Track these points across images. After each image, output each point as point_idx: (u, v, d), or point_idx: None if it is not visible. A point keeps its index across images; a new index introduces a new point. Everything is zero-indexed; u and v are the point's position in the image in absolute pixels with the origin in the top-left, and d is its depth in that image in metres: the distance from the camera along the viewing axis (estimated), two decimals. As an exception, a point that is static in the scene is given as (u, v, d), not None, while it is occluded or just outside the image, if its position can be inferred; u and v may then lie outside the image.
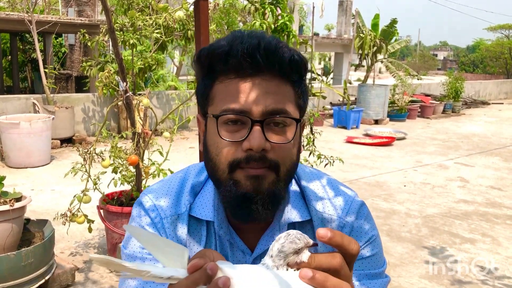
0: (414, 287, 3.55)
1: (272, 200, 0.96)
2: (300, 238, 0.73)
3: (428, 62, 42.96)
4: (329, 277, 0.69)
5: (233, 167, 0.94)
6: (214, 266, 0.67)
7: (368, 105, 11.79)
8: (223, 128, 0.95)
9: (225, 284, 0.65)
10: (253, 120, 0.93)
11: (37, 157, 6.56)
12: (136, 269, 0.67)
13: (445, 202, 5.69)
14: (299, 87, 1.00)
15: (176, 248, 0.71)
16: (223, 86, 0.97)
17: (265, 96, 0.94)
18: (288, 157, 0.97)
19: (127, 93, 3.22)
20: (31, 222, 3.42)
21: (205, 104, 1.01)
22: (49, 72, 7.59)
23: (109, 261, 0.67)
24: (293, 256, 0.72)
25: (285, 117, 0.96)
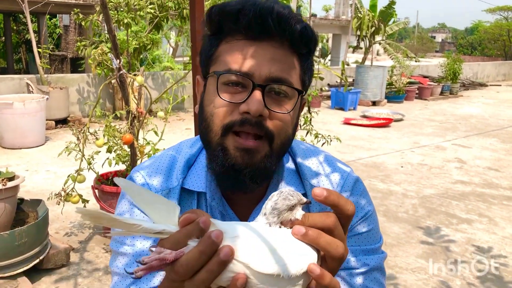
0: (410, 267, 3.54)
1: (262, 173, 0.93)
2: (293, 194, 0.71)
3: (426, 44, 42.76)
4: (322, 234, 0.67)
5: (226, 130, 0.91)
6: (207, 220, 0.65)
7: (366, 86, 11.73)
8: (223, 88, 0.92)
9: (218, 237, 0.63)
10: (255, 83, 0.90)
11: (31, 137, 6.50)
12: (126, 222, 0.64)
13: (442, 183, 5.68)
14: (306, 62, 0.97)
15: (167, 204, 0.68)
16: (229, 46, 0.93)
17: (270, 62, 0.91)
18: (284, 130, 0.94)
19: (121, 70, 3.15)
20: (25, 202, 3.38)
21: (208, 63, 0.98)
22: (43, 52, 7.47)
23: (99, 215, 0.64)
24: (286, 213, 0.70)
25: (288, 86, 0.92)
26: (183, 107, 9.71)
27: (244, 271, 0.63)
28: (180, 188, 1.03)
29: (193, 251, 0.63)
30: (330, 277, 0.67)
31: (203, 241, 0.63)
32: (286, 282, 0.64)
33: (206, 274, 0.63)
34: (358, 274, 1.04)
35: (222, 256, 0.62)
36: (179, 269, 0.64)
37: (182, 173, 1.04)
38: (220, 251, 0.62)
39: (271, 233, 0.68)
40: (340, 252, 0.67)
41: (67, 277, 3.19)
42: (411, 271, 3.48)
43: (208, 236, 0.62)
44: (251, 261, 0.63)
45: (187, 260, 0.63)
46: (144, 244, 1.02)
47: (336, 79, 12.68)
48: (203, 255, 0.62)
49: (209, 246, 0.62)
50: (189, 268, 0.63)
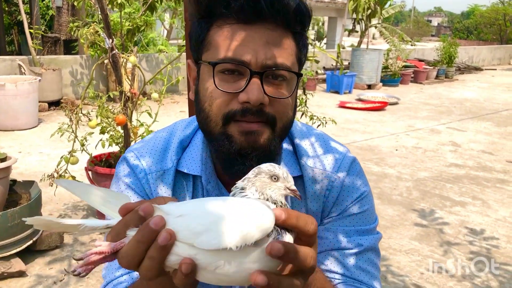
0: (404, 248, 3.56)
1: (268, 156, 0.92)
2: (281, 168, 0.70)
3: (422, 28, 42.57)
4: (298, 251, 0.64)
5: (227, 120, 0.89)
6: (147, 206, 0.62)
7: (361, 69, 11.68)
8: (219, 77, 0.89)
9: (158, 224, 0.60)
10: (252, 71, 0.87)
11: (24, 119, 6.44)
12: (70, 224, 0.63)
13: (436, 166, 5.70)
14: (301, 39, 0.95)
15: (118, 197, 0.67)
16: (221, 31, 0.90)
17: (266, 47, 0.88)
18: (285, 113, 0.93)
19: (114, 50, 3.11)
20: (17, 184, 3.36)
21: (199, 49, 0.94)
22: (35, 33, 7.36)
23: (46, 222, 0.63)
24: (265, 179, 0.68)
25: (286, 70, 0.90)
26: (178, 90, 9.65)
27: (189, 253, 0.59)
28: (174, 170, 1.01)
29: (131, 241, 0.62)
30: (294, 249, 0.63)
31: (141, 229, 0.61)
32: (242, 255, 0.59)
33: (149, 262, 0.62)
34: (351, 254, 1.03)
35: (160, 242, 0.60)
36: (121, 260, 0.63)
37: (176, 154, 1.02)
38: (158, 237, 0.60)
39: (223, 205, 0.63)
40: (311, 264, 0.66)
41: (60, 258, 3.18)
42: (405, 252, 3.50)
43: (146, 224, 0.60)
44: (194, 239, 0.58)
45: (126, 251, 0.62)
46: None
47: (332, 62, 12.61)
48: (141, 244, 0.61)
49: (146, 234, 0.60)
50: (130, 258, 0.62)
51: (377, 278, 1.06)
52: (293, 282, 0.66)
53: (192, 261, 0.59)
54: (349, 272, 1.02)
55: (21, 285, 2.85)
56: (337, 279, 1.02)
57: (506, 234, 3.90)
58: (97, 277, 2.97)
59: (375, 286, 1.04)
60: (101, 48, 7.68)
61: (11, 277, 2.90)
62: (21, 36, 15.51)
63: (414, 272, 3.24)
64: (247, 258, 0.59)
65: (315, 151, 1.07)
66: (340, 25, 17.51)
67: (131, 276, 0.98)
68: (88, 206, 3.99)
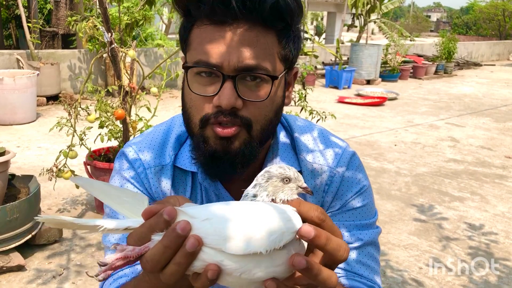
0: (402, 243, 3.57)
1: (242, 160, 0.91)
2: (290, 168, 0.68)
3: (421, 23, 42.51)
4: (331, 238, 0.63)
5: (203, 123, 0.89)
6: (171, 210, 0.61)
7: (361, 65, 11.67)
8: (196, 79, 0.89)
9: (184, 229, 0.59)
10: (224, 75, 0.85)
11: (22, 114, 6.42)
12: (87, 225, 0.62)
13: (435, 161, 5.70)
14: (285, 36, 0.91)
15: (134, 196, 0.66)
16: (199, 32, 0.89)
17: (239, 48, 0.85)
18: (262, 115, 0.91)
19: (112, 44, 3.09)
20: (16, 178, 3.35)
21: (184, 49, 0.95)
22: (33, 27, 7.32)
23: (59, 221, 0.62)
24: (277, 182, 0.67)
25: (259, 73, 0.87)
26: (176, 85, 9.63)
27: (216, 259, 0.58)
28: (172, 166, 1.01)
29: (158, 246, 0.60)
30: (326, 236, 0.63)
31: (167, 235, 0.60)
32: (268, 259, 0.59)
33: (175, 267, 0.61)
34: (352, 248, 1.03)
35: (188, 248, 0.59)
36: (145, 265, 0.62)
37: (174, 150, 1.02)
38: (186, 243, 0.59)
39: (248, 209, 0.63)
40: (344, 257, 0.65)
41: (59, 252, 3.18)
42: (403, 247, 3.51)
43: (173, 229, 0.59)
44: (223, 245, 0.58)
45: (152, 255, 0.61)
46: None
47: (331, 58, 12.60)
48: (167, 249, 0.60)
49: (174, 239, 0.59)
50: (155, 263, 0.61)
51: (377, 272, 1.06)
52: None
53: (218, 268, 0.59)
54: (349, 266, 1.03)
55: (20, 279, 2.85)
56: (338, 274, 1.02)
57: (504, 229, 3.90)
58: (95, 272, 2.97)
59: (375, 280, 1.04)
60: (99, 43, 7.64)
61: (10, 271, 2.90)
62: (19, 30, 15.43)
63: (413, 267, 3.24)
64: (274, 262, 0.59)
65: (315, 146, 1.07)
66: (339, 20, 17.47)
67: (135, 269, 0.98)
68: (87, 201, 3.99)
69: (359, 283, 1.01)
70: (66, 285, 2.83)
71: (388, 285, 3.01)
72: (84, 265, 3.04)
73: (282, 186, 0.67)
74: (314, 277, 0.62)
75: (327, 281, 0.63)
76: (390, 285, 3.01)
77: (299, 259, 0.60)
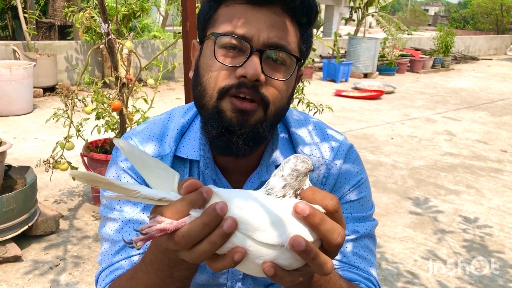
0: (398, 236, 3.59)
1: (255, 137, 0.92)
2: (308, 159, 0.70)
3: (419, 17, 42.44)
4: (324, 220, 0.65)
5: (222, 94, 0.90)
6: (209, 189, 0.63)
7: (358, 58, 11.66)
8: (220, 51, 0.90)
9: (223, 210, 0.61)
10: (253, 48, 0.88)
11: (19, 105, 6.40)
12: (125, 187, 0.61)
13: (431, 155, 5.73)
14: (305, 32, 0.96)
15: (166, 170, 0.66)
16: (229, 10, 0.91)
17: (270, 28, 0.89)
18: (279, 98, 0.93)
19: (109, 35, 3.08)
20: (12, 169, 3.35)
21: (206, 26, 0.96)
22: (29, 17, 7.28)
23: (95, 178, 0.61)
24: (303, 178, 0.68)
25: (286, 52, 0.91)
26: (173, 77, 9.61)
27: (245, 242, 0.62)
28: (172, 156, 1.02)
29: (197, 222, 0.61)
30: (321, 216, 0.65)
31: (208, 213, 0.61)
32: (289, 253, 0.63)
33: (208, 246, 0.62)
34: (348, 240, 1.04)
35: (225, 229, 0.61)
36: (180, 240, 0.62)
37: (175, 140, 1.03)
38: (223, 223, 0.61)
39: (275, 202, 0.66)
40: (338, 242, 0.66)
41: (56, 244, 3.18)
42: (399, 240, 3.53)
43: (213, 208, 0.61)
44: (254, 232, 0.62)
45: (189, 231, 0.62)
46: (133, 210, 1.01)
47: (328, 51, 12.58)
48: (206, 227, 0.61)
49: (213, 218, 0.61)
50: (191, 239, 0.62)
51: (373, 264, 1.07)
52: (298, 279, 0.68)
53: (245, 251, 0.62)
54: (345, 258, 1.04)
55: (16, 270, 2.86)
56: (334, 266, 1.03)
57: (499, 222, 3.93)
58: (92, 263, 2.98)
59: (371, 272, 1.05)
60: (96, 34, 7.61)
61: (7, 262, 2.90)
62: (15, 21, 15.31)
63: (408, 259, 3.27)
64: (293, 255, 0.63)
65: (312, 139, 1.08)
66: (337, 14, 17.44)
67: (131, 260, 0.98)
68: (84, 192, 3.99)
69: (355, 275, 1.02)
70: (63, 276, 2.84)
71: (383, 277, 3.03)
72: (80, 256, 3.05)
73: (305, 180, 0.69)
74: (312, 260, 0.64)
75: (323, 266, 0.65)
76: (385, 277, 3.03)
77: (299, 240, 0.62)
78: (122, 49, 3.54)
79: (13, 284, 2.73)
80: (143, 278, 0.82)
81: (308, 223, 0.64)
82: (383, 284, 2.95)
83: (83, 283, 2.78)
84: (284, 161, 0.70)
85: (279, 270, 0.64)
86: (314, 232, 0.65)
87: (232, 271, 1.08)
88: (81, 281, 2.80)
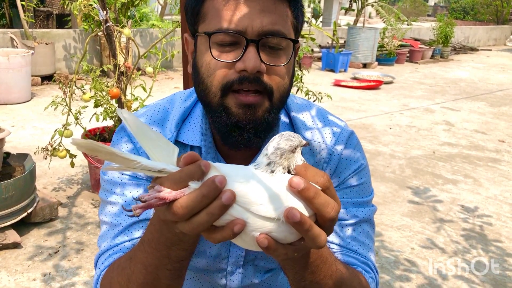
0: (395, 224, 3.61)
1: (266, 128, 0.93)
2: (294, 136, 0.71)
3: (418, 7, 42.18)
4: (318, 194, 0.66)
5: (225, 90, 0.89)
6: (207, 163, 0.65)
7: (357, 48, 11.61)
8: (216, 48, 0.90)
9: (222, 183, 0.63)
10: (248, 39, 0.87)
11: (17, 93, 6.38)
12: (125, 157, 0.62)
13: (429, 145, 5.74)
14: (296, 6, 0.94)
15: (167, 144, 0.67)
16: (216, 2, 0.90)
17: (261, 14, 0.88)
18: (282, 82, 0.93)
19: (108, 23, 3.07)
20: (11, 156, 3.35)
21: (196, 21, 0.94)
22: (27, 5, 7.23)
23: (96, 147, 0.61)
24: (289, 155, 0.69)
25: (282, 37, 0.90)
26: (172, 66, 9.57)
27: (243, 215, 0.63)
28: (174, 141, 1.02)
29: (196, 193, 0.62)
30: (315, 190, 0.66)
31: (207, 184, 0.62)
32: (285, 226, 0.64)
33: (206, 217, 0.63)
34: (347, 225, 1.05)
35: (224, 200, 0.62)
36: (178, 210, 0.63)
37: (176, 126, 1.03)
38: (222, 195, 0.62)
39: (271, 178, 0.67)
40: (332, 215, 0.67)
41: (55, 231, 3.20)
42: (396, 228, 3.55)
43: (212, 180, 0.62)
44: (251, 205, 0.63)
45: (188, 201, 0.63)
46: (137, 191, 1.01)
47: (328, 41, 12.53)
48: (205, 198, 0.62)
49: (212, 190, 0.62)
50: (189, 210, 0.63)
51: (371, 249, 1.08)
52: (293, 253, 0.69)
53: (244, 223, 0.64)
54: (344, 242, 1.04)
55: (16, 256, 2.87)
56: (332, 249, 1.04)
57: (496, 211, 3.95)
58: (91, 249, 2.99)
59: (369, 257, 1.06)
60: (94, 22, 7.56)
61: (6, 248, 2.92)
62: (12, 10, 15.20)
63: (405, 247, 3.29)
64: (289, 229, 0.65)
65: (313, 124, 1.08)
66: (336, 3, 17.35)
67: (131, 243, 0.99)
68: (82, 180, 3.99)
69: (353, 259, 1.03)
70: (62, 262, 2.85)
71: (380, 264, 3.05)
72: (80, 243, 3.06)
73: (293, 156, 0.70)
74: (305, 232, 0.65)
75: (317, 239, 0.66)
76: (382, 265, 3.05)
77: (294, 211, 0.63)
78: (121, 37, 3.52)
79: (13, 271, 2.75)
80: (141, 258, 0.83)
81: (302, 196, 0.65)
82: (381, 271, 2.97)
83: (82, 270, 2.80)
84: (269, 141, 0.71)
85: (273, 242, 0.65)
86: (308, 206, 0.66)
87: (233, 256, 1.09)
88: (81, 268, 2.81)
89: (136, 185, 1.01)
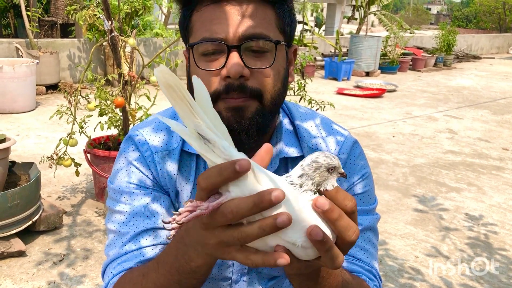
0: (399, 232, 3.61)
1: (257, 129, 0.94)
2: (335, 157, 0.70)
3: (421, 16, 42.30)
4: (342, 216, 0.66)
5: (214, 99, 0.91)
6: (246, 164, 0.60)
7: (360, 56, 11.65)
8: (202, 58, 0.92)
9: (278, 199, 0.59)
10: (229, 46, 0.89)
11: (21, 102, 6.42)
12: (192, 111, 0.61)
13: (433, 153, 5.73)
14: (282, 10, 0.95)
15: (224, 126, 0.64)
16: (200, 14, 0.93)
17: (242, 20, 0.90)
18: (271, 84, 0.94)
19: (112, 32, 3.10)
20: (16, 165, 3.37)
21: (186, 36, 0.98)
22: (32, 15, 7.30)
23: (176, 83, 0.60)
24: (324, 173, 0.68)
25: (263, 39, 0.91)
26: (177, 75, 9.61)
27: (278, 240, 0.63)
28: (180, 150, 1.03)
29: (248, 201, 0.60)
30: (339, 212, 0.66)
31: (262, 195, 0.59)
32: (306, 243, 0.64)
33: (258, 231, 0.61)
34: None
35: (279, 223, 0.60)
36: (226, 214, 0.61)
37: None
38: (278, 216, 0.60)
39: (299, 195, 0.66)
40: (352, 239, 0.67)
41: (60, 239, 3.21)
42: (400, 237, 3.54)
43: (269, 193, 0.59)
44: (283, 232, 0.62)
45: (237, 207, 0.60)
46: (145, 200, 1.01)
47: (330, 49, 12.57)
48: (255, 208, 0.59)
49: (266, 203, 0.59)
50: (238, 216, 0.60)
51: (375, 257, 1.09)
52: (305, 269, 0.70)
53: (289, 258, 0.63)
54: (349, 250, 1.05)
55: (20, 265, 2.88)
56: None
57: (500, 220, 3.94)
58: (96, 258, 3.00)
59: (373, 264, 1.07)
60: (99, 32, 7.63)
61: (11, 256, 2.93)
62: (17, 20, 15.33)
63: (409, 255, 3.28)
64: (309, 245, 0.65)
65: (317, 133, 1.09)
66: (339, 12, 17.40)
67: (139, 252, 0.98)
68: (87, 188, 4.01)
69: (357, 267, 1.04)
70: (67, 270, 2.86)
71: (384, 273, 3.04)
72: (84, 251, 3.07)
73: (327, 176, 0.68)
74: (325, 251, 0.65)
75: (335, 260, 0.66)
76: (386, 273, 3.04)
77: (317, 230, 0.62)
78: (125, 47, 3.55)
79: (17, 279, 2.76)
80: (153, 277, 0.84)
81: (326, 217, 0.65)
82: (385, 280, 2.97)
83: (87, 278, 2.80)
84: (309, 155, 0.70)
85: (291, 258, 0.65)
86: (331, 227, 0.66)
87: (237, 265, 1.09)
88: (85, 276, 2.82)
89: (143, 194, 1.02)
